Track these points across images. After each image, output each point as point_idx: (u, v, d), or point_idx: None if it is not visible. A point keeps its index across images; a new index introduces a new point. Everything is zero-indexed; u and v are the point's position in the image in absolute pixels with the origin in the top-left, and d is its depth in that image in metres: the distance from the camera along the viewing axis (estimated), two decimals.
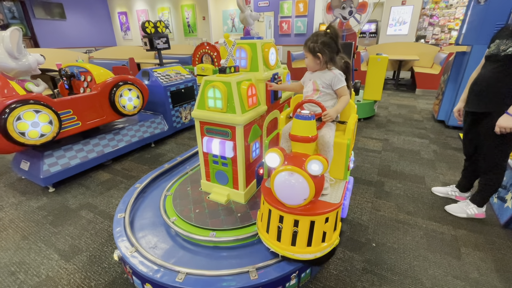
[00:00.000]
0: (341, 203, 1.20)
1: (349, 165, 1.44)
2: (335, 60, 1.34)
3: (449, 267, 1.42)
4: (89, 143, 2.44)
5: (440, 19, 7.96)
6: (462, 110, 1.75)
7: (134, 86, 2.62)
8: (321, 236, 1.14)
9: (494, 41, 1.53)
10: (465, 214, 1.77)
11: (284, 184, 1.07)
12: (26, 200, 2.09)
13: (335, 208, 1.15)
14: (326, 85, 1.33)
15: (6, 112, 1.76)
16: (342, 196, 1.25)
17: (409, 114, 4.10)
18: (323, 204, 1.17)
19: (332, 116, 1.24)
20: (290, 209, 1.10)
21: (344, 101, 1.33)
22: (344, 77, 1.33)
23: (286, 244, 1.13)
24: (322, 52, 1.28)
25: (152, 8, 9.52)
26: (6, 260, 1.52)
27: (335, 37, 1.29)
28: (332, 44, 1.29)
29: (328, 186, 1.27)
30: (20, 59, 2.00)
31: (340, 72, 1.32)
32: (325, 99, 1.36)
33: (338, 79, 1.31)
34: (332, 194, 1.25)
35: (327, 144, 1.24)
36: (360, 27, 3.69)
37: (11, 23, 7.76)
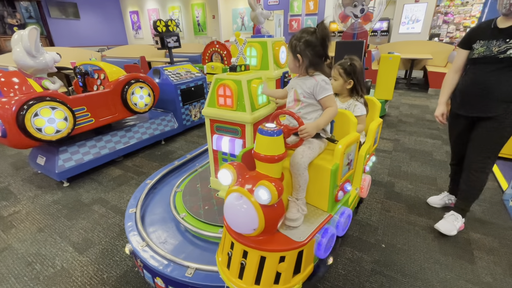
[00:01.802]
0: (307, 242, 0.95)
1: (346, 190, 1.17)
2: (321, 67, 1.11)
3: (462, 271, 1.39)
4: (101, 139, 2.50)
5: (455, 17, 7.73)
6: (446, 114, 1.66)
7: (146, 84, 2.66)
8: (273, 276, 0.92)
9: (474, 41, 1.43)
10: (456, 230, 1.62)
11: (232, 208, 0.90)
12: (42, 194, 2.16)
13: (296, 247, 0.93)
14: (308, 95, 1.11)
15: (24, 108, 1.82)
16: (312, 234, 0.99)
17: (421, 114, 4.01)
18: (283, 239, 0.96)
19: (310, 132, 1.02)
20: (240, 236, 0.93)
21: (328, 114, 1.09)
22: (330, 85, 1.11)
23: (233, 275, 0.95)
24: (303, 54, 1.07)
25: (163, 7, 9.63)
26: (23, 251, 1.58)
27: (323, 39, 1.06)
28: (317, 46, 1.06)
29: (299, 217, 1.03)
30: (38, 57, 2.07)
31: (324, 79, 1.09)
32: (307, 111, 1.14)
33: (321, 87, 1.08)
34: (301, 228, 1.01)
35: (296, 166, 1.02)
36: (372, 26, 3.63)
37: (27, 23, 8.00)
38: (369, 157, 1.48)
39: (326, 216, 1.09)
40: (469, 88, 1.49)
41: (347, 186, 1.18)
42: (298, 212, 1.04)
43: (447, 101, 1.65)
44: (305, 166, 1.03)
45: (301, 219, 1.04)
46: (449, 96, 1.64)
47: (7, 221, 1.84)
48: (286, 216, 1.02)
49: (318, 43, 1.06)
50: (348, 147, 1.08)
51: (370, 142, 1.42)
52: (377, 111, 1.57)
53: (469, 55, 1.48)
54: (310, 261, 1.03)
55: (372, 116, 1.56)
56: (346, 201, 1.24)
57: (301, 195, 1.06)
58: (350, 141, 1.09)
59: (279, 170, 0.96)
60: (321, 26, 1.07)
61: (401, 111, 4.18)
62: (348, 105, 1.45)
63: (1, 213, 1.94)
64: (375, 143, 1.54)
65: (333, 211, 1.12)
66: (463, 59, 1.53)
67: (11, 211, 1.95)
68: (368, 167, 1.47)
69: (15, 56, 2.02)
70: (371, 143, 1.44)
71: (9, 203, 2.05)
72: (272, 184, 0.84)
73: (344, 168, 1.09)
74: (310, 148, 1.07)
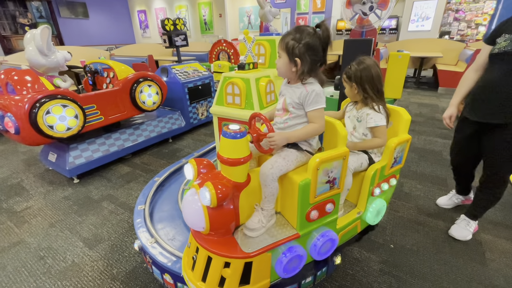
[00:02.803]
0: (254, 255, 0.90)
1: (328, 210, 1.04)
2: (317, 73, 0.99)
3: (473, 273, 1.37)
4: (110, 137, 2.53)
5: (466, 14, 7.55)
6: (454, 116, 1.52)
7: (154, 82, 2.69)
8: (217, 279, 0.92)
9: (500, 35, 1.26)
10: (471, 235, 1.58)
11: (187, 203, 0.92)
12: (53, 190, 2.21)
13: (241, 257, 0.90)
14: (297, 105, 0.99)
15: (37, 106, 1.86)
16: (265, 249, 0.93)
17: (430, 113, 3.94)
18: (232, 245, 0.94)
19: (277, 142, 0.94)
20: (193, 230, 0.98)
21: (307, 130, 0.98)
22: (323, 97, 0.98)
23: (188, 266, 1.01)
24: (303, 58, 0.93)
25: (170, 6, 9.68)
26: (35, 245, 1.62)
27: (326, 42, 0.94)
28: (319, 50, 0.94)
29: (258, 228, 0.98)
30: (50, 56, 2.10)
31: (316, 89, 0.96)
32: (294, 123, 1.02)
33: (311, 99, 0.95)
34: (258, 239, 0.97)
35: (263, 176, 0.96)
36: (381, 24, 3.57)
37: (38, 22, 8.16)
38: (385, 179, 1.21)
39: (292, 234, 1.00)
40: (482, 89, 1.34)
41: (328, 207, 1.02)
42: (258, 223, 0.98)
43: (459, 102, 1.49)
44: (273, 178, 0.95)
45: (260, 230, 0.99)
46: (463, 97, 1.48)
47: (20, 216, 1.89)
48: (245, 224, 1.00)
49: (320, 47, 0.94)
50: (327, 162, 0.93)
51: (386, 161, 1.15)
52: (404, 124, 1.21)
53: (490, 51, 1.31)
54: (266, 276, 0.98)
55: (396, 129, 1.24)
56: (332, 224, 1.08)
57: (266, 206, 1.00)
58: (330, 156, 0.93)
59: (241, 173, 0.94)
60: (324, 27, 0.93)
61: (410, 110, 4.11)
62: (360, 114, 1.21)
63: (14, 208, 1.99)
64: (397, 163, 1.22)
65: (303, 230, 1.00)
66: (485, 56, 1.34)
67: (24, 206, 2.00)
68: (378, 190, 1.20)
69: (28, 55, 2.06)
70: (388, 163, 1.16)
71: (21, 199, 2.10)
72: (213, 187, 0.83)
73: (321, 185, 0.96)
74: (284, 159, 0.98)
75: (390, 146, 1.13)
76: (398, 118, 1.24)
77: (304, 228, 1.01)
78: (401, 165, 1.25)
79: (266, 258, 0.96)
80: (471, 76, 1.42)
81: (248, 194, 0.99)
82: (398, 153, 1.19)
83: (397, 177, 1.30)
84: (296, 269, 1.01)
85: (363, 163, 1.19)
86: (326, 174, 0.96)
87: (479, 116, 1.36)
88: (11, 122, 1.83)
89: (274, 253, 0.97)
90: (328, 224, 1.07)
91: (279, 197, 1.08)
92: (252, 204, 1.02)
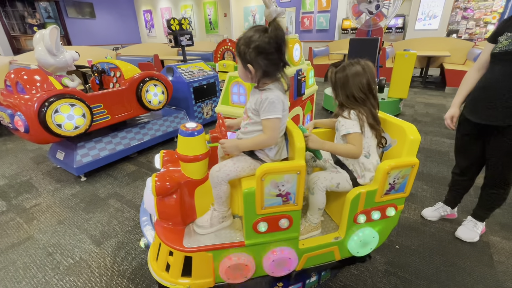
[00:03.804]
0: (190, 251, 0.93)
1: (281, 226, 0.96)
2: (277, 77, 0.92)
3: (480, 275, 1.35)
4: (117, 136, 2.56)
5: (475, 12, 7.43)
6: (456, 117, 1.47)
7: (160, 81, 2.71)
8: (165, 263, 0.98)
9: (502, 33, 1.22)
10: (478, 236, 1.56)
11: (146, 189, 1.01)
12: (61, 188, 2.24)
13: (178, 249, 0.94)
14: (255, 111, 0.95)
15: (46, 105, 1.89)
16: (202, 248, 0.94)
17: (437, 113, 3.90)
18: (178, 235, 0.99)
19: (227, 149, 0.94)
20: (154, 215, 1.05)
21: (255, 141, 0.94)
22: (277, 105, 0.89)
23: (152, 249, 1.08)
24: (254, 63, 0.87)
25: (176, 6, 9.73)
26: (44, 241, 1.65)
27: (277, 43, 0.85)
28: (272, 53, 0.86)
29: (206, 226, 1.01)
30: (58, 55, 2.14)
31: (270, 96, 0.88)
32: (252, 130, 0.99)
33: (264, 107, 0.89)
34: (202, 237, 1.00)
35: (211, 177, 0.97)
36: (387, 22, 3.54)
37: (46, 23, 8.28)
38: (376, 207, 1.03)
39: (237, 241, 0.98)
40: (482, 90, 1.30)
41: (282, 222, 0.95)
42: (208, 221, 1.00)
43: (461, 103, 1.45)
44: (219, 181, 0.96)
45: (207, 229, 1.01)
46: (465, 97, 1.43)
47: (29, 213, 1.93)
48: (196, 220, 1.05)
49: (273, 49, 0.85)
50: (275, 174, 0.86)
51: (377, 186, 0.97)
52: (409, 145, 0.97)
53: (492, 50, 1.27)
54: (208, 275, 0.99)
55: (400, 151, 1.01)
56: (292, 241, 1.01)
57: (218, 208, 1.01)
58: (278, 168, 0.86)
59: (197, 170, 0.97)
60: (273, 26, 0.85)
61: (416, 110, 4.07)
62: (337, 123, 1.08)
63: (24, 205, 2.03)
64: (396, 191, 1.01)
65: (249, 240, 0.96)
66: (488, 55, 1.29)
67: (33, 204, 2.04)
68: (364, 218, 1.03)
69: (37, 55, 2.09)
70: (380, 189, 0.97)
71: (31, 196, 2.14)
72: (156, 179, 0.92)
73: (270, 197, 0.91)
74: (234, 164, 0.97)
75: (382, 169, 0.93)
76: (403, 137, 1.00)
77: (251, 238, 0.96)
78: (404, 194, 1.03)
79: (207, 257, 0.96)
80: (473, 76, 1.38)
81: (206, 191, 1.01)
82: (397, 179, 0.97)
83: (399, 207, 1.06)
84: (241, 278, 0.99)
85: (340, 184, 1.05)
86: (275, 186, 0.89)
87: (480, 118, 1.31)
88: (21, 120, 1.87)
89: (217, 255, 0.97)
90: (288, 241, 1.00)
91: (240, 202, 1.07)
92: (206, 202, 1.05)
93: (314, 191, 1.05)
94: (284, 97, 0.94)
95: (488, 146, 1.37)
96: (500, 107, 1.22)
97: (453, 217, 1.75)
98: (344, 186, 1.05)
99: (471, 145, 1.46)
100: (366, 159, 1.04)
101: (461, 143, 1.53)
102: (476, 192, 1.69)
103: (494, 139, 1.32)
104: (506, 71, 1.19)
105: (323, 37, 7.83)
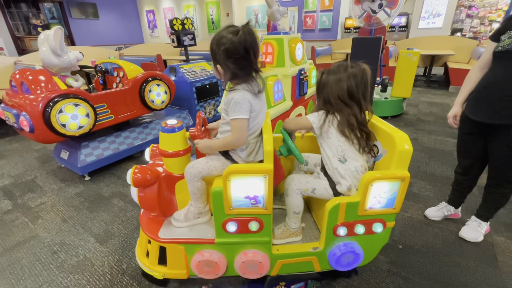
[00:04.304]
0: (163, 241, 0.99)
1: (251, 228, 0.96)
2: (246, 79, 0.93)
3: (484, 276, 1.34)
4: (120, 135, 2.58)
5: (480, 10, 7.35)
6: (459, 116, 1.47)
7: (162, 81, 2.72)
8: (145, 251, 1.07)
9: (504, 31, 1.21)
10: (482, 236, 1.55)
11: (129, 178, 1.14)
12: (65, 187, 2.27)
13: (153, 238, 1.02)
14: (225, 111, 0.97)
15: (50, 105, 1.91)
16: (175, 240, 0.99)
17: (441, 112, 3.87)
18: (156, 224, 1.08)
19: (200, 149, 0.99)
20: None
21: (223, 141, 0.96)
22: (243, 107, 0.90)
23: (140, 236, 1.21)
24: (223, 65, 0.89)
25: (178, 6, 9.76)
26: (49, 240, 1.67)
27: (245, 48, 0.85)
28: (241, 58, 0.86)
29: (181, 220, 1.07)
30: (62, 56, 2.16)
31: (238, 97, 0.90)
32: (226, 129, 1.01)
33: (230, 107, 0.91)
34: (178, 230, 1.05)
35: (185, 174, 1.00)
36: (390, 21, 3.52)
37: (51, 23, 8.34)
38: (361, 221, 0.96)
39: (207, 238, 1.00)
40: (484, 89, 1.29)
41: (253, 225, 0.95)
42: (184, 216, 1.05)
43: (464, 101, 1.45)
44: (191, 177, 0.99)
45: (182, 223, 1.05)
46: (467, 96, 1.42)
47: (34, 212, 1.95)
48: (174, 213, 1.14)
49: (241, 54, 0.85)
50: (240, 175, 0.86)
51: (359, 198, 0.91)
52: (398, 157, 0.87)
53: (494, 48, 1.25)
54: (182, 267, 1.02)
55: (389, 163, 0.93)
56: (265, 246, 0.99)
57: (194, 204, 1.03)
58: (242, 169, 0.87)
59: (177, 166, 1.03)
60: (243, 31, 0.84)
61: (419, 109, 4.04)
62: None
63: (29, 204, 2.05)
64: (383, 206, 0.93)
65: (220, 239, 0.98)
66: (490, 54, 1.28)
67: (38, 203, 2.06)
68: (344, 231, 0.96)
69: (42, 55, 2.12)
70: (362, 201, 0.91)
71: (36, 195, 2.17)
72: (136, 171, 1.01)
73: (238, 199, 0.91)
74: (207, 163, 0.99)
75: (365, 179, 0.86)
76: (392, 147, 0.90)
77: (221, 237, 0.97)
78: (393, 210, 0.94)
79: (179, 250, 1.01)
80: (476, 75, 1.37)
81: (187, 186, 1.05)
82: (384, 192, 0.89)
83: (389, 224, 0.97)
84: (213, 274, 1.01)
85: (317, 189, 1.02)
86: (242, 188, 0.89)
87: (482, 116, 1.30)
88: (26, 120, 1.89)
89: (189, 249, 1.00)
90: (259, 245, 0.99)
91: None
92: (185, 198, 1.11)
93: (288, 192, 1.05)
94: (252, 98, 0.93)
95: (490, 145, 1.36)
96: (502, 106, 1.22)
97: (456, 217, 1.74)
98: (322, 193, 1.02)
99: (473, 144, 1.45)
100: (341, 164, 0.99)
101: (462, 142, 1.52)
102: (480, 192, 1.67)
103: (496, 138, 1.31)
104: (509, 69, 1.19)
105: (325, 36, 7.81)
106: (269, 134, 0.92)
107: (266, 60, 1.67)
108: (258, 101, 0.97)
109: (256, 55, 0.89)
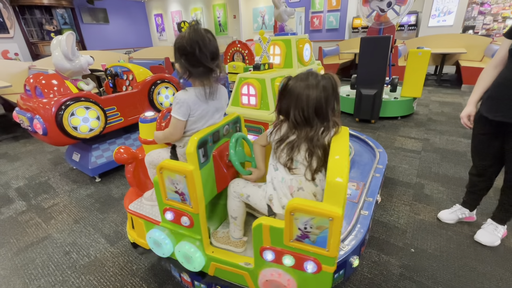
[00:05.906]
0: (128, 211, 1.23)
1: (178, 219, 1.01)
2: (200, 79, 0.93)
3: (501, 281, 1.29)
4: (130, 137, 2.62)
5: (492, 7, 7.15)
6: (473, 116, 1.43)
7: (171, 84, 2.75)
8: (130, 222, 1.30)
9: None
10: (499, 240, 1.49)
11: None
12: (77, 188, 2.31)
13: (125, 206, 1.26)
14: None
15: (62, 108, 1.96)
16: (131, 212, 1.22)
17: (453, 112, 3.77)
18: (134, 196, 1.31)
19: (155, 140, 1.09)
20: None
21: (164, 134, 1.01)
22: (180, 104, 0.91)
23: None
24: (178, 61, 0.92)
25: (186, 9, 9.88)
26: (61, 240, 1.71)
27: (193, 45, 0.86)
28: (188, 54, 0.88)
29: (147, 197, 1.27)
30: (74, 60, 2.21)
31: (179, 96, 0.93)
32: None
33: (173, 104, 0.94)
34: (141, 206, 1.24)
35: (145, 159, 1.18)
36: (399, 20, 3.46)
37: (63, 29, 8.58)
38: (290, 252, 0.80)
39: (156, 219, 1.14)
40: (500, 87, 1.25)
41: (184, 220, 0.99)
42: (150, 196, 1.25)
43: (478, 101, 1.41)
44: (147, 165, 1.18)
45: (147, 202, 1.25)
46: (481, 95, 1.38)
47: (47, 213, 2.00)
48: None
49: (190, 51, 0.86)
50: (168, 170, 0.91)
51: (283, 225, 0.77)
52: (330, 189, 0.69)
53: (510, 45, 1.22)
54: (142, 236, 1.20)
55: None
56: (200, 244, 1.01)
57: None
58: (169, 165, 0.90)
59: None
60: (189, 29, 0.86)
61: (430, 109, 3.95)
62: None
63: (42, 205, 2.10)
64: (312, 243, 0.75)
65: (164, 223, 1.09)
66: (505, 51, 1.25)
67: (51, 203, 2.11)
68: (272, 256, 0.83)
69: (54, 60, 2.17)
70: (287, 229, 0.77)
71: (49, 196, 2.22)
72: (120, 150, 1.23)
73: (170, 191, 0.96)
74: (159, 153, 1.12)
75: (288, 206, 0.72)
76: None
77: (164, 222, 1.08)
78: (327, 252, 0.74)
79: (139, 223, 1.19)
80: (490, 73, 1.32)
81: None
82: (311, 227, 0.73)
83: (325, 268, 0.77)
84: (160, 252, 1.10)
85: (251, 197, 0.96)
86: (171, 183, 0.94)
87: (498, 115, 1.27)
88: (40, 124, 1.94)
89: (147, 225, 1.16)
90: (194, 240, 1.01)
91: None
92: None
93: (228, 194, 1.03)
94: (195, 102, 0.93)
95: (507, 146, 1.31)
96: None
97: (471, 220, 1.68)
98: (255, 202, 0.96)
99: (488, 145, 1.40)
100: (274, 171, 0.90)
101: (477, 143, 1.47)
102: (496, 194, 1.62)
103: None
104: None
105: (333, 37, 7.75)
106: (198, 135, 0.91)
107: (274, 61, 1.67)
108: (205, 106, 0.96)
109: (206, 53, 0.88)
